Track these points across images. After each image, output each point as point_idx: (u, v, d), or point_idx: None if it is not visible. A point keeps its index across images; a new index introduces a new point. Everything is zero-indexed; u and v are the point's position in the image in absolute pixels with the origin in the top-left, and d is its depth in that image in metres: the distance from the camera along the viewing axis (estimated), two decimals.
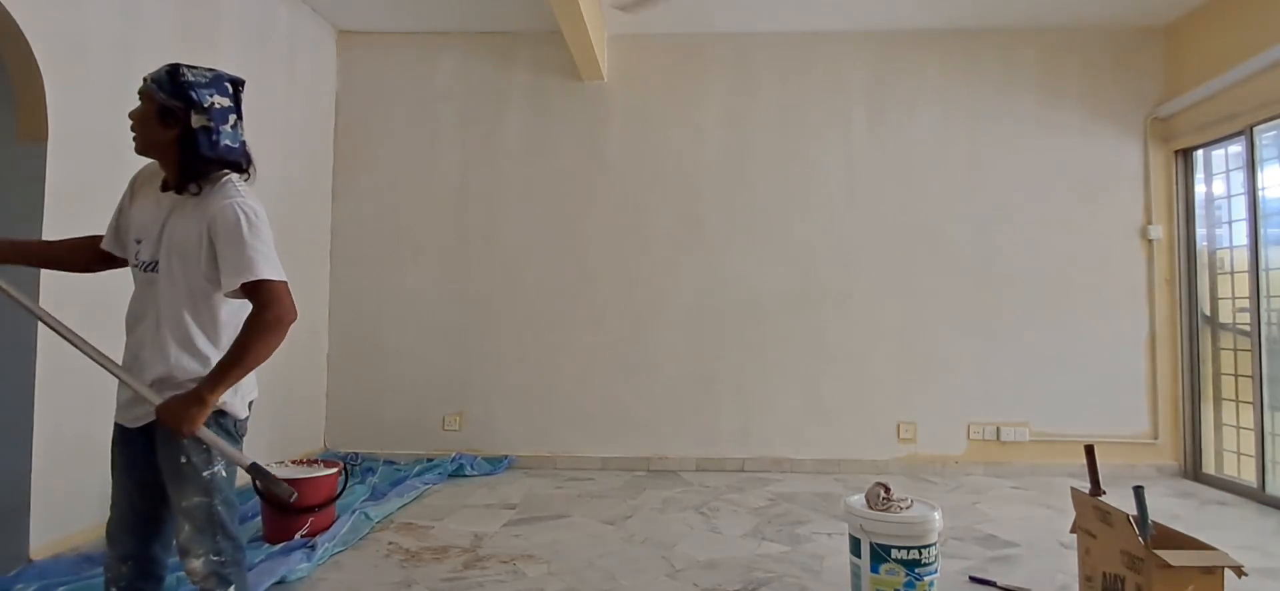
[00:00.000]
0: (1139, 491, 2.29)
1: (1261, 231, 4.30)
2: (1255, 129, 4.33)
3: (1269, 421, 4.25)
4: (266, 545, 3.21)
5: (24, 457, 2.86)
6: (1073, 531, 2.58)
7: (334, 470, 3.50)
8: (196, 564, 1.83)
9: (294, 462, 3.61)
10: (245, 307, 1.83)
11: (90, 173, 3.13)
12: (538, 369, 5.12)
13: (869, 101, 5.14)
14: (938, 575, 2.49)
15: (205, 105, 1.81)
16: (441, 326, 5.14)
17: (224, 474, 1.85)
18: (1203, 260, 4.86)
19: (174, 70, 1.82)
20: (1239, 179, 4.54)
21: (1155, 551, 2.12)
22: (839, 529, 3.60)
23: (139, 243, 1.87)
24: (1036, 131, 5.07)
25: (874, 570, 2.44)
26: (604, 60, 5.06)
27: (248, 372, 1.80)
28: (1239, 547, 3.20)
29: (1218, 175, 4.82)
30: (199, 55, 3.81)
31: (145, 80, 1.85)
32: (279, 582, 2.86)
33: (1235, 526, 3.79)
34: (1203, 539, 2.24)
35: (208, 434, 1.78)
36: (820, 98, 5.16)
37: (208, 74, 1.85)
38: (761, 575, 3.04)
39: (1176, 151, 4.97)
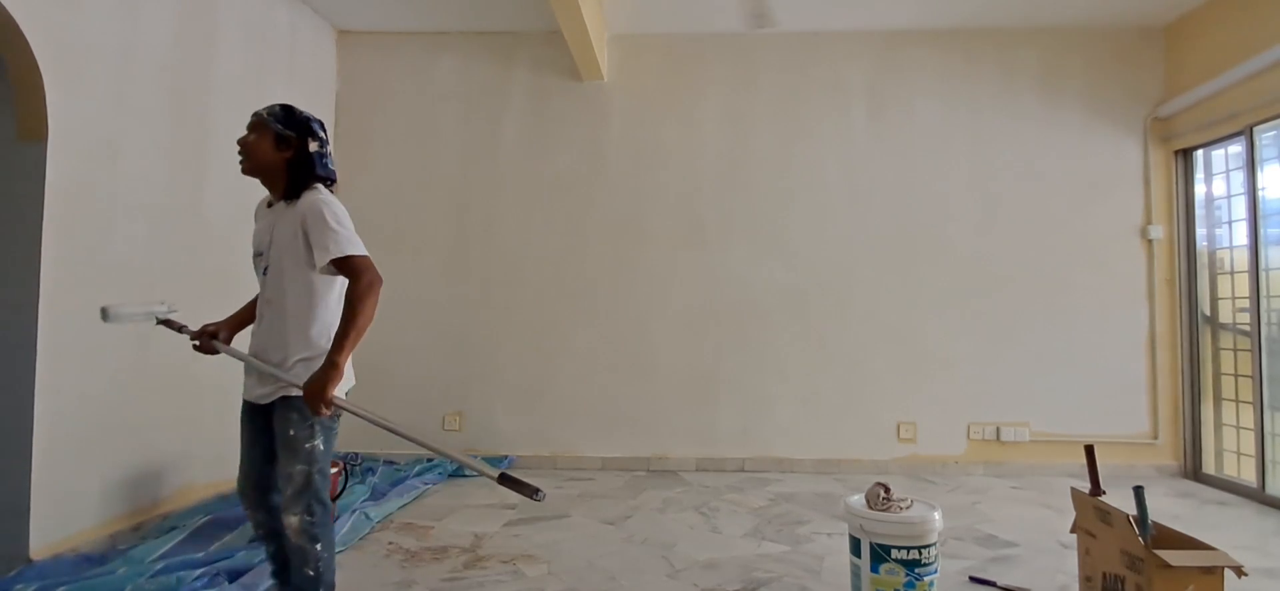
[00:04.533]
0: (1139, 491, 2.29)
1: (1261, 231, 4.30)
2: (1255, 129, 4.33)
3: (1269, 421, 4.25)
4: None
5: (24, 458, 2.86)
6: (1073, 531, 2.58)
7: (334, 470, 3.50)
8: (293, 521, 2.17)
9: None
10: (336, 294, 2.22)
11: (90, 172, 3.13)
12: (538, 369, 5.12)
13: (869, 101, 5.14)
14: (938, 575, 2.48)
15: (321, 136, 2.28)
16: (441, 326, 5.14)
17: (322, 448, 2.20)
18: (1203, 260, 4.86)
19: (289, 107, 2.27)
20: (1239, 179, 4.54)
21: (1155, 551, 2.12)
22: (839, 529, 3.60)
23: (258, 255, 2.29)
24: (1037, 131, 5.07)
25: (874, 570, 2.44)
26: (604, 60, 5.06)
27: (361, 334, 2.12)
28: (1239, 547, 3.20)
29: (1218, 175, 4.82)
30: (199, 55, 3.82)
31: (259, 113, 2.24)
32: None
33: (1235, 526, 3.79)
34: (1203, 539, 2.24)
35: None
36: (820, 97, 5.16)
37: (310, 114, 2.31)
38: (761, 575, 3.04)
39: (1176, 151, 4.97)
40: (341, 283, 2.21)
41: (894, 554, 2.41)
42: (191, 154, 3.78)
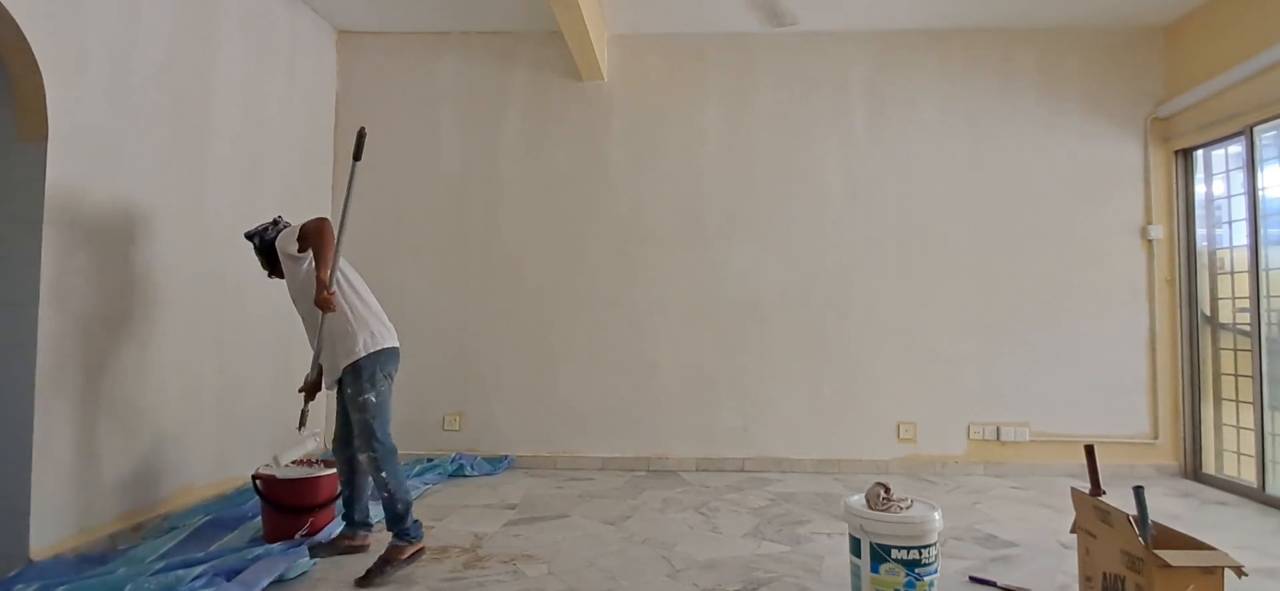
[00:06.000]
0: (1139, 491, 2.29)
1: (1261, 231, 4.30)
2: (1255, 129, 4.33)
3: (1269, 421, 4.25)
4: (266, 545, 3.20)
5: (24, 458, 2.86)
6: (1073, 531, 2.58)
7: (334, 470, 3.50)
8: (363, 457, 3.07)
9: (294, 463, 3.60)
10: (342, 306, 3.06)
11: (90, 172, 3.13)
12: (538, 369, 5.12)
13: (869, 101, 5.14)
14: (938, 575, 2.48)
15: (261, 231, 3.20)
16: (441, 326, 5.14)
17: (375, 401, 3.02)
18: (1203, 260, 4.86)
19: (248, 236, 3.22)
20: (1239, 179, 4.54)
21: (1155, 551, 2.12)
22: (839, 529, 3.60)
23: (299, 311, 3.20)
24: (1036, 131, 5.07)
25: (874, 570, 2.44)
26: (604, 60, 5.06)
27: (326, 253, 2.94)
28: (1239, 547, 3.21)
29: (1218, 175, 4.82)
30: (199, 55, 3.82)
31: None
32: (279, 581, 2.86)
33: (1235, 526, 3.79)
34: (1203, 539, 2.23)
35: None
36: (820, 97, 5.16)
37: (259, 225, 3.24)
38: (761, 575, 3.04)
39: (1176, 151, 4.97)
40: (342, 313, 3.05)
41: (894, 554, 2.41)
42: (191, 154, 3.78)
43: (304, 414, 3.25)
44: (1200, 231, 4.87)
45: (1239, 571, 2.08)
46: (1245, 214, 4.42)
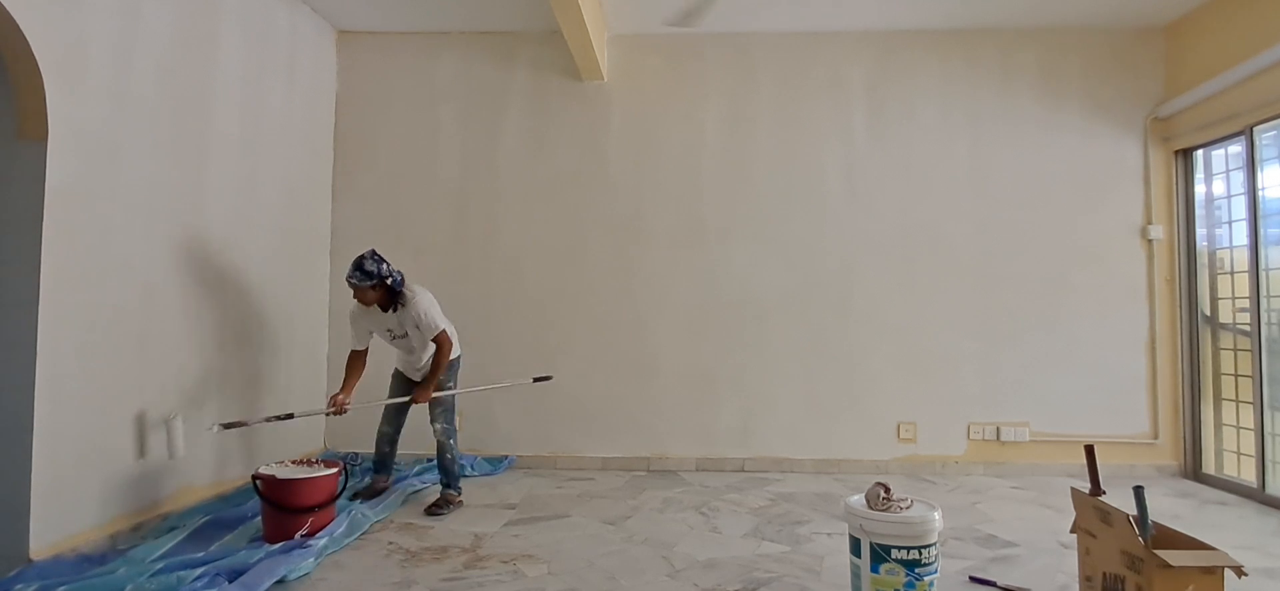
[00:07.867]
0: (1139, 491, 2.29)
1: (1261, 231, 4.30)
2: (1255, 129, 4.33)
3: (1269, 421, 4.25)
4: (266, 545, 3.20)
5: (24, 457, 2.86)
6: (1073, 531, 2.58)
7: (334, 470, 3.50)
8: (437, 426, 4.02)
9: (294, 462, 3.61)
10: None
11: (90, 172, 3.13)
12: (538, 368, 5.11)
13: (869, 101, 5.14)
14: (938, 575, 2.49)
15: (384, 263, 3.85)
16: None
17: (452, 385, 4.12)
18: (1203, 260, 4.86)
19: (363, 268, 3.77)
20: (1239, 179, 4.54)
21: (1155, 551, 2.12)
22: (839, 529, 3.60)
23: (389, 332, 4.01)
24: (1036, 131, 5.07)
25: (874, 570, 2.44)
26: (604, 60, 5.06)
27: (444, 364, 3.99)
28: (1239, 547, 3.21)
29: (1218, 175, 4.82)
30: (199, 55, 3.83)
31: (356, 282, 3.79)
32: (279, 582, 2.86)
33: (1235, 526, 3.79)
34: (1203, 539, 2.24)
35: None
36: (820, 97, 5.16)
37: (369, 257, 3.82)
38: (761, 575, 3.04)
39: (1176, 151, 4.97)
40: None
41: (894, 554, 2.41)
42: (191, 154, 3.78)
43: (289, 415, 3.96)
44: (1200, 231, 4.87)
45: (1239, 571, 2.08)
46: (1245, 214, 4.42)
